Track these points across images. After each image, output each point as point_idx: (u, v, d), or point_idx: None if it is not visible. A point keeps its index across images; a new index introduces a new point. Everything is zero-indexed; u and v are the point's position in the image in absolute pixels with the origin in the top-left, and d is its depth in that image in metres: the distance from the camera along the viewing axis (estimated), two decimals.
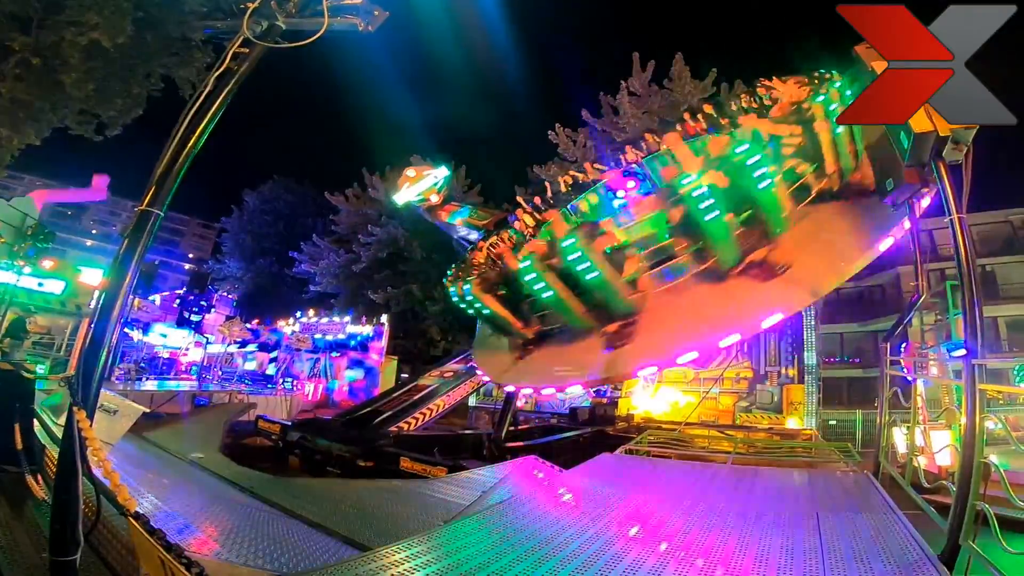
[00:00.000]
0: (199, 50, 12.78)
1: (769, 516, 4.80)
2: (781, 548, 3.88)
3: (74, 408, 2.35)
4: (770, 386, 14.70)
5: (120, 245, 2.61)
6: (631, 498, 5.37)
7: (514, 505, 5.07)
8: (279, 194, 39.32)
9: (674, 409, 15.36)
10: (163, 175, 2.70)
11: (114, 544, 2.94)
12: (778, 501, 5.74)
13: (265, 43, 2.92)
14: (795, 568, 3.48)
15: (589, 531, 4.16)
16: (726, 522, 4.52)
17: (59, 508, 2.35)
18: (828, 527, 4.36)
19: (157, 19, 11.46)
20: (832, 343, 26.41)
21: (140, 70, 12.55)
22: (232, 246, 39.01)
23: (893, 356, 7.44)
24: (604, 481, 6.37)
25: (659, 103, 20.55)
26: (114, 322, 2.53)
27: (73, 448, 2.35)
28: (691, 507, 5.09)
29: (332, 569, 3.06)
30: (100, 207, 70.24)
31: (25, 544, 3.19)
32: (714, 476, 7.04)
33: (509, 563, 3.39)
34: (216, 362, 26.36)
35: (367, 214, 29.06)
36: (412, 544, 3.64)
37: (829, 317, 25.18)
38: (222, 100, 2.84)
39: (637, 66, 20.82)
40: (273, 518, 7.07)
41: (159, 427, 12.45)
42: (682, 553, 3.74)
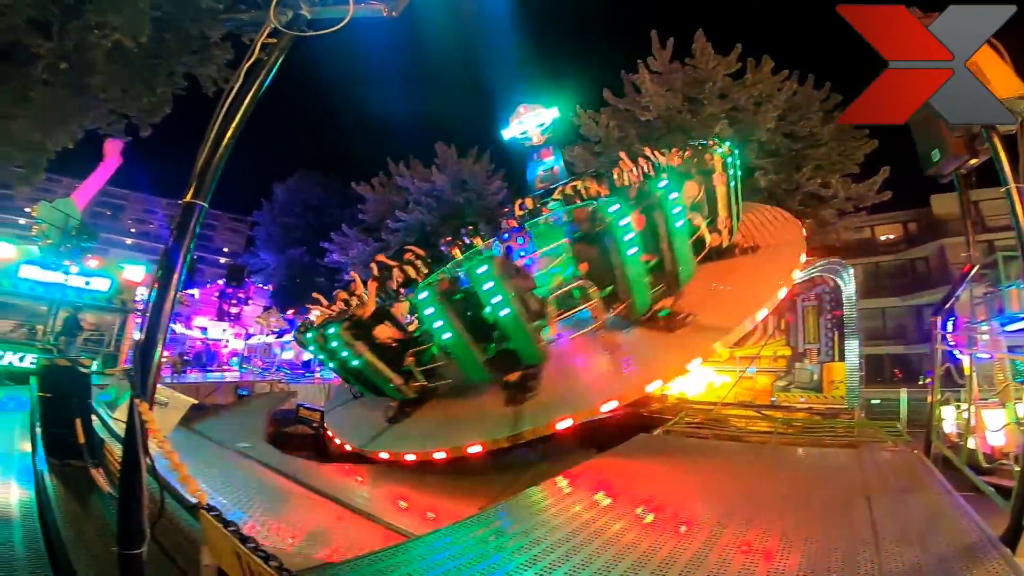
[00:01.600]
0: (218, 47, 12.92)
1: (817, 497, 4.70)
2: (831, 531, 3.77)
3: (136, 400, 2.39)
4: (809, 364, 14.36)
5: (168, 238, 2.66)
6: (672, 479, 5.32)
7: (546, 491, 5.04)
8: (306, 186, 39.85)
9: (709, 389, 15.13)
10: (203, 168, 2.74)
11: (175, 536, 3.03)
12: (825, 482, 5.59)
13: (293, 32, 2.91)
14: (848, 552, 3.37)
15: (629, 515, 4.13)
16: (772, 504, 4.42)
17: (125, 500, 2.41)
18: (880, 509, 4.21)
19: (174, 18, 11.59)
20: (874, 319, 25.61)
21: (163, 70, 12.75)
22: (264, 239, 39.84)
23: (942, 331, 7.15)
24: (643, 462, 6.32)
25: (682, 80, 20.01)
26: (167, 314, 2.57)
27: (136, 440, 2.40)
28: (735, 488, 5.01)
29: (372, 557, 3.11)
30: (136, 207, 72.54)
31: (92, 537, 3.32)
32: (756, 456, 6.93)
33: (544, 551, 3.35)
34: (256, 352, 27.13)
35: (393, 202, 29.26)
36: (450, 532, 3.67)
37: (870, 292, 24.43)
38: (255, 91, 2.86)
39: (656, 44, 20.27)
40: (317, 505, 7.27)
41: (205, 418, 12.85)
42: (728, 536, 3.66)
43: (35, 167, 13.95)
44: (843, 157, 19.02)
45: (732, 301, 8.63)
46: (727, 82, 19.47)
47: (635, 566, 3.16)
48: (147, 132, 14.05)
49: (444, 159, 28.41)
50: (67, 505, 3.79)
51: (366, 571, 2.92)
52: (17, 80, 11.31)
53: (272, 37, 2.90)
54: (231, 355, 26.92)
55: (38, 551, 2.95)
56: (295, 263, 37.03)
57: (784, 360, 14.95)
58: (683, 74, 19.92)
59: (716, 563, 3.25)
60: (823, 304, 14.57)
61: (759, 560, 3.31)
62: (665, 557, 3.30)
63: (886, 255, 29.00)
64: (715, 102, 19.48)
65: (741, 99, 19.14)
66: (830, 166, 19.16)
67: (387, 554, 3.20)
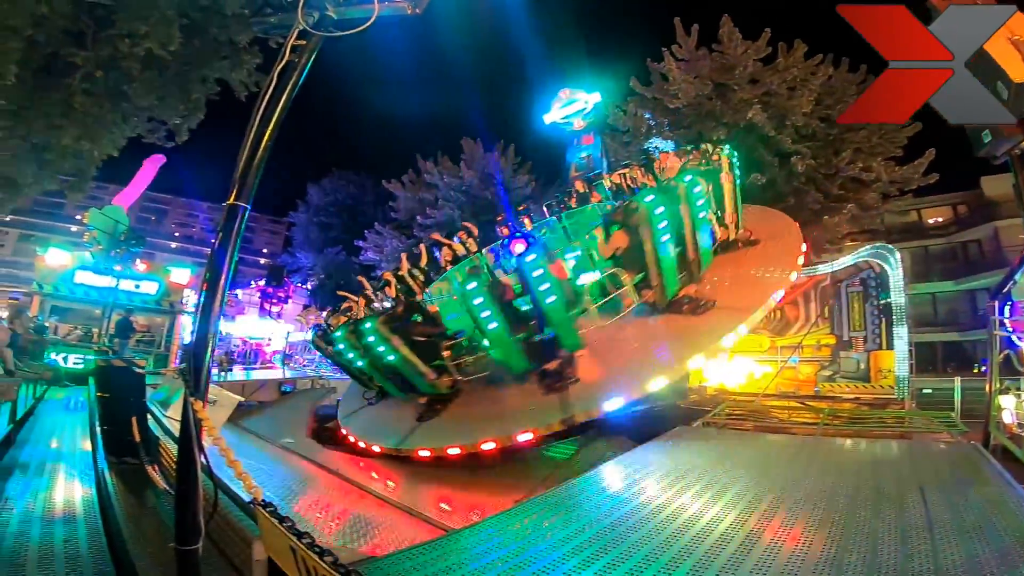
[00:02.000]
0: (247, 52, 13.25)
1: (867, 489, 4.53)
2: (883, 524, 3.62)
3: (191, 399, 2.47)
4: (855, 353, 13.87)
5: (212, 241, 2.73)
6: (712, 471, 5.21)
7: (586, 482, 5.01)
8: (340, 186, 40.62)
9: (750, 380, 14.81)
10: (244, 171, 2.77)
11: (227, 532, 3.13)
12: (875, 473, 5.40)
13: (321, 33, 2.94)
14: (902, 545, 3.24)
15: (668, 507, 4.06)
16: (820, 496, 4.27)
17: (181, 497, 2.47)
18: (935, 501, 4.03)
19: (202, 24, 11.94)
20: (924, 304, 24.56)
21: (195, 76, 13.17)
22: (301, 239, 40.81)
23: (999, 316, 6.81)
24: (682, 454, 6.22)
25: (710, 67, 19.55)
26: (216, 314, 2.63)
27: (191, 437, 2.47)
28: (781, 480, 4.87)
29: (413, 551, 3.15)
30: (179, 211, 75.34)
31: (151, 534, 3.46)
32: (801, 448, 6.73)
33: (583, 543, 3.32)
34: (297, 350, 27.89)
35: (423, 198, 29.57)
36: (489, 524, 3.68)
37: (919, 276, 23.44)
38: (288, 92, 2.90)
39: (681, 31, 19.84)
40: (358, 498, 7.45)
41: (251, 415, 13.26)
42: (774, 527, 3.56)
43: (83, 175, 14.64)
44: (884, 140, 18.32)
45: (748, 287, 8.93)
46: (757, 67, 18.96)
47: (677, 558, 3.10)
48: (184, 138, 14.57)
49: (471, 154, 28.52)
50: (126, 502, 3.96)
51: (407, 564, 2.96)
52: (59, 91, 11.87)
53: (301, 39, 2.93)
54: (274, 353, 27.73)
55: (100, 548, 3.09)
56: (332, 262, 37.83)
57: (828, 349, 14.47)
58: (711, 61, 19.49)
59: (762, 553, 3.17)
60: (868, 290, 14.03)
61: (807, 550, 3.22)
62: (708, 549, 3.23)
63: (935, 238, 27.83)
64: (746, 88, 19.00)
65: (773, 84, 18.63)
66: (871, 149, 18.50)
67: (428, 547, 3.23)
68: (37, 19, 9.85)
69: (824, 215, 19.17)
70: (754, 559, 3.11)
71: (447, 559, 3.09)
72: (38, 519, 3.47)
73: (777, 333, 15.43)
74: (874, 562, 3.04)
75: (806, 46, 18.46)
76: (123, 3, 10.46)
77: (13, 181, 12.88)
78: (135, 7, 10.29)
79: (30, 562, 2.86)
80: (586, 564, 3.03)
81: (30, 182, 13.28)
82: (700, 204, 8.49)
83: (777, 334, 15.41)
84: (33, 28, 9.95)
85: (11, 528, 3.27)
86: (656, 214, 7.99)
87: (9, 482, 4.22)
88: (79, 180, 14.85)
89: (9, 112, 11.00)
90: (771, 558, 3.14)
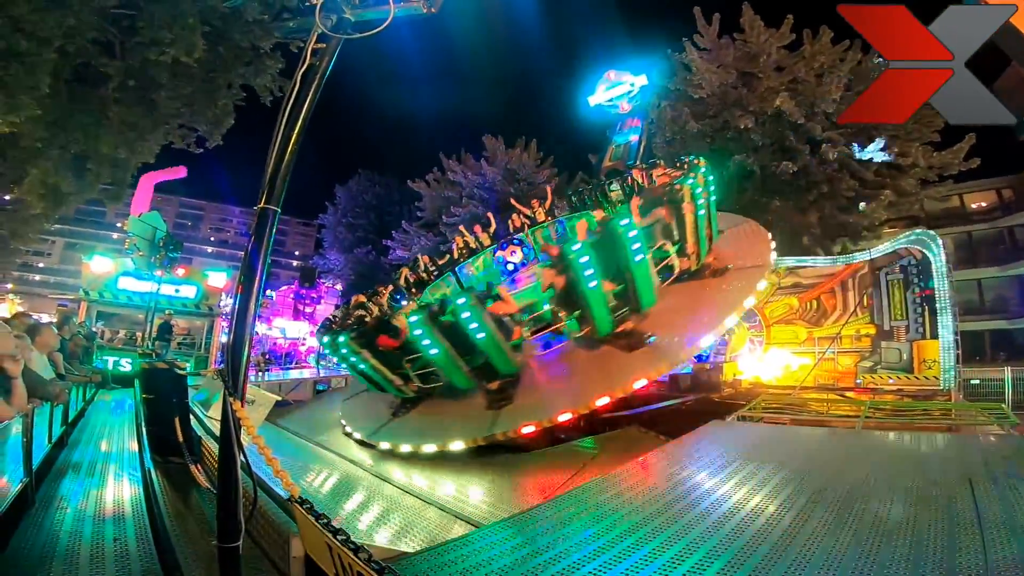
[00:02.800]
0: (269, 57, 13.53)
1: (912, 482, 4.38)
2: (930, 516, 3.52)
3: (230, 399, 2.53)
4: (897, 343, 13.38)
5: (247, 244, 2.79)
6: (748, 466, 5.11)
7: (617, 478, 4.95)
8: (366, 187, 41.14)
9: (786, 373, 14.43)
10: (273, 174, 2.82)
11: (266, 529, 3.22)
12: (920, 467, 5.23)
13: (339, 35, 2.98)
14: (948, 539, 3.13)
15: (699, 504, 4.00)
16: (863, 490, 4.16)
17: (222, 495, 2.53)
18: (985, 496, 3.89)
19: (223, 31, 12.24)
20: (969, 291, 23.59)
21: (221, 82, 13.51)
22: (331, 240, 41.53)
23: None
24: (715, 449, 6.11)
25: (733, 56, 19.16)
26: (251, 316, 2.69)
27: (232, 437, 2.53)
28: (821, 474, 4.75)
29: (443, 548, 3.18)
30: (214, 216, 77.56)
31: (194, 531, 3.58)
32: (842, 442, 6.56)
33: (610, 541, 3.28)
34: None
35: (448, 196, 29.76)
36: (516, 521, 3.68)
37: (963, 262, 22.52)
38: (312, 95, 2.94)
39: (702, 21, 19.48)
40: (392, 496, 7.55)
41: (287, 414, 13.59)
42: (814, 523, 3.48)
43: (121, 183, 15.20)
44: (921, 125, 17.71)
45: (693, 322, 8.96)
46: (782, 55, 18.65)
47: (713, 552, 3.06)
48: (216, 143, 14.99)
49: (493, 151, 28.57)
50: (171, 501, 4.11)
51: (439, 560, 2.99)
52: (94, 101, 12.33)
53: (321, 42, 2.97)
54: (308, 352, 28.35)
55: (147, 545, 3.21)
56: (361, 262, 38.40)
57: (868, 339, 14.00)
58: (734, 49, 19.11)
59: (802, 546, 3.11)
60: (909, 278, 13.50)
61: (848, 542, 3.15)
62: (747, 542, 3.18)
63: (979, 223, 26.73)
64: (772, 76, 18.69)
65: (800, 71, 18.25)
66: (907, 135, 17.91)
67: (459, 543, 3.26)
68: (67, 30, 10.24)
69: (860, 202, 18.61)
70: (794, 552, 3.05)
71: (479, 555, 3.11)
72: (90, 518, 3.63)
73: (814, 324, 15.01)
74: (918, 556, 2.95)
75: (832, 32, 18.04)
76: (147, 12, 10.79)
77: (58, 190, 13.45)
78: (158, 16, 10.60)
79: (83, 560, 2.99)
80: (619, 558, 3.02)
81: (73, 191, 13.85)
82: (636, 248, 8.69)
83: (814, 325, 14.99)
84: (63, 39, 10.34)
85: (66, 527, 3.42)
86: (581, 262, 8.42)
87: (63, 482, 4.42)
88: (117, 188, 15.43)
89: (48, 123, 11.47)
90: (810, 550, 3.08)
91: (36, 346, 5.03)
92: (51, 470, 4.73)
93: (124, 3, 11.13)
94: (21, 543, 3.12)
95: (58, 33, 10.07)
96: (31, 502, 3.73)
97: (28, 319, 6.03)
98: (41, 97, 10.28)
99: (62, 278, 59.19)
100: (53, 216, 15.90)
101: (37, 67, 9.91)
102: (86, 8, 10.28)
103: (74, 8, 10.03)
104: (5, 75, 9.69)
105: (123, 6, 11.16)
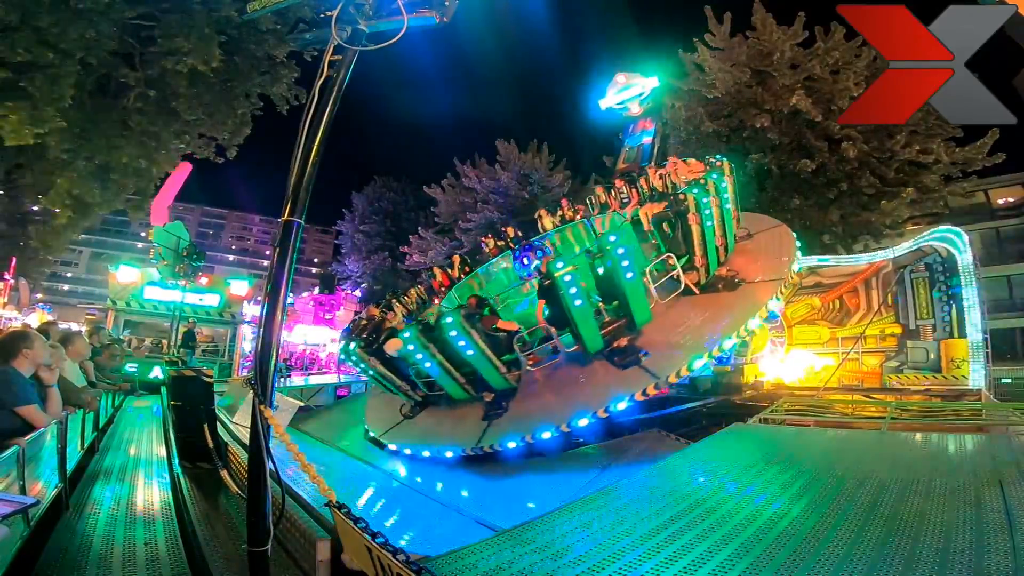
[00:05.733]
0: (284, 66, 13.77)
1: (941, 483, 4.29)
2: (959, 517, 3.45)
3: (260, 406, 2.56)
4: (924, 342, 13.10)
5: (269, 255, 2.85)
6: (773, 469, 5.04)
7: (638, 481, 4.93)
8: (382, 193, 41.56)
9: (809, 374, 14.20)
10: (295, 187, 2.85)
11: (293, 533, 3.27)
12: (949, 468, 5.11)
13: (355, 47, 3.01)
14: (977, 542, 3.06)
15: (722, 508, 3.95)
16: (890, 493, 4.07)
17: (253, 500, 2.57)
18: (1016, 496, 3.79)
19: (238, 41, 12.47)
20: (999, 288, 23.01)
21: (239, 91, 13.77)
22: (349, 247, 42.01)
23: None
24: (737, 452, 6.04)
25: (747, 54, 19.01)
26: (278, 324, 2.73)
27: (260, 443, 2.56)
28: (846, 476, 4.67)
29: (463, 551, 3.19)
30: (235, 224, 78.94)
31: (223, 535, 3.64)
32: (868, 444, 6.43)
33: (631, 544, 3.26)
34: None
35: (464, 202, 29.90)
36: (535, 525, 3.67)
37: (991, 259, 21.99)
38: (331, 106, 2.97)
39: (713, 20, 19.38)
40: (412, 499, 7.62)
41: (310, 419, 13.72)
42: (839, 526, 3.43)
43: (143, 193, 15.56)
44: (942, 120, 17.31)
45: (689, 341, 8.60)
46: (796, 52, 18.41)
47: (736, 555, 3.03)
48: (235, 152, 15.26)
49: (506, 156, 28.65)
50: (200, 505, 4.19)
51: (459, 564, 3.01)
52: (115, 112, 12.64)
53: (337, 54, 3.01)
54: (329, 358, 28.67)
55: (177, 549, 3.28)
56: (379, 268, 38.78)
57: (894, 339, 13.73)
58: (747, 48, 18.96)
59: (826, 549, 3.06)
60: (935, 275, 13.22)
61: (874, 545, 3.10)
62: (770, 545, 3.14)
63: (1007, 219, 26.07)
64: (786, 73, 18.47)
65: (816, 68, 18.02)
66: (927, 131, 17.56)
67: (477, 547, 3.28)
68: (87, 42, 10.52)
69: (881, 199, 18.29)
70: (820, 552, 3.02)
71: (500, 556, 3.12)
72: (121, 522, 3.71)
73: (837, 324, 14.76)
74: (945, 557, 2.90)
75: (844, 29, 17.72)
76: (163, 23, 11.05)
77: (84, 201, 13.80)
78: (175, 26, 10.85)
79: (115, 563, 3.06)
80: (642, 560, 3.01)
81: (99, 201, 14.21)
82: (625, 265, 8.52)
83: (837, 324, 14.74)
84: (85, 51, 10.63)
85: (99, 531, 3.51)
86: (565, 281, 8.34)
87: (95, 487, 4.54)
88: (140, 198, 15.79)
89: (73, 134, 11.79)
90: (835, 550, 3.05)
91: (69, 355, 5.18)
92: (83, 475, 4.85)
93: (142, 14, 11.45)
94: (57, 547, 3.21)
95: (80, 45, 10.36)
96: (65, 506, 3.83)
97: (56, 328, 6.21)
98: (65, 109, 10.59)
99: (89, 287, 60.75)
100: (80, 226, 16.33)
101: (60, 79, 10.21)
102: (105, 20, 10.57)
103: (94, 20, 10.32)
104: (30, 87, 10.00)
105: (141, 17, 11.49)
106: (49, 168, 12.77)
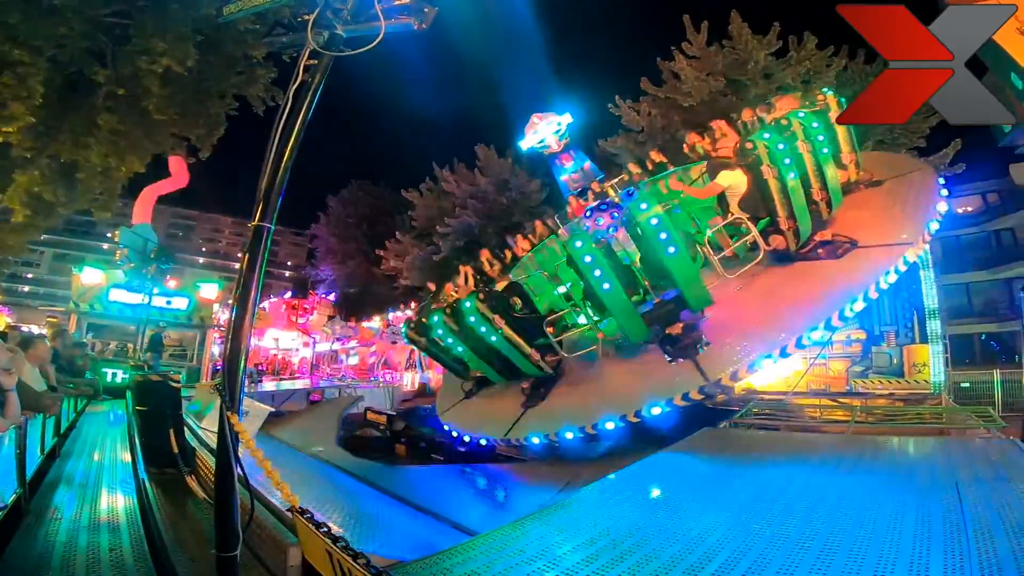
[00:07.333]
0: (261, 67, 13.56)
1: (899, 486, 4.46)
2: (916, 519, 3.56)
3: (227, 412, 2.55)
4: (888, 347, 13.53)
5: (239, 258, 2.82)
6: (742, 472, 5.17)
7: (608, 487, 4.98)
8: (359, 197, 41.23)
9: (779, 379, 14.54)
10: (267, 191, 2.83)
11: (262, 538, 3.23)
12: (909, 471, 5.31)
13: (331, 52, 3.00)
14: (935, 540, 3.19)
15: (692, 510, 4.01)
16: (852, 493, 4.22)
17: (221, 505, 2.57)
18: (971, 498, 3.94)
19: (216, 40, 12.24)
20: (957, 295, 23.85)
21: (213, 91, 13.50)
22: (324, 251, 41.54)
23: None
24: (708, 456, 6.16)
25: (722, 63, 19.52)
26: (247, 330, 2.72)
27: (228, 449, 2.55)
28: (812, 480, 4.82)
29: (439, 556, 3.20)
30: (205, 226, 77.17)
31: (190, 540, 3.58)
32: (833, 447, 6.62)
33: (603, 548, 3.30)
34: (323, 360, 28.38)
35: (442, 207, 29.81)
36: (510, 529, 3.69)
37: (950, 266, 22.76)
38: (305, 111, 2.96)
39: (691, 29, 19.88)
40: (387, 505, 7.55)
41: (282, 425, 13.52)
42: (806, 531, 3.54)
43: (111, 193, 15.09)
44: (907, 131, 18.03)
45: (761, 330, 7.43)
46: (770, 61, 18.96)
47: (700, 561, 3.09)
48: (208, 152, 14.91)
49: (486, 161, 28.68)
50: (167, 511, 4.10)
51: (433, 569, 3.01)
52: (84, 109, 12.25)
53: (313, 58, 3.00)
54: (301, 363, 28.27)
55: (143, 555, 3.21)
56: (354, 272, 38.37)
57: (859, 344, 14.14)
58: (722, 57, 19.44)
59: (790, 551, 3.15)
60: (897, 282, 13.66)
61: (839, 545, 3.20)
62: (734, 552, 3.21)
63: (967, 227, 27.08)
64: (760, 82, 18.99)
65: (788, 77, 18.57)
66: (893, 140, 18.23)
67: (452, 552, 3.28)
68: (59, 39, 10.22)
69: None
70: (784, 555, 3.09)
71: (471, 562, 3.14)
72: (84, 528, 3.62)
73: None
74: (903, 557, 3.00)
75: (816, 39, 18.40)
76: (139, 21, 10.79)
77: (45, 200, 13.31)
78: (151, 25, 10.59)
79: (79, 569, 2.99)
80: (604, 570, 3.03)
81: (63, 202, 13.71)
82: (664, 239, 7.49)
83: None
84: (56, 48, 10.32)
85: (60, 537, 3.42)
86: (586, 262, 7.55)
87: (56, 493, 4.41)
88: (107, 198, 15.31)
89: (37, 132, 11.39)
90: (801, 553, 3.13)
91: (29, 359, 5.02)
92: (44, 481, 4.71)
93: (117, 12, 11.15)
94: (16, 553, 3.12)
95: (52, 42, 10.06)
96: (24, 513, 3.72)
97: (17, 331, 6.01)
98: (33, 106, 10.25)
99: (51, 289, 58.62)
100: (41, 226, 15.75)
101: (30, 76, 9.89)
102: (78, 17, 10.28)
103: (67, 17, 10.02)
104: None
105: (115, 15, 11.19)
106: (9, 166, 12.30)
